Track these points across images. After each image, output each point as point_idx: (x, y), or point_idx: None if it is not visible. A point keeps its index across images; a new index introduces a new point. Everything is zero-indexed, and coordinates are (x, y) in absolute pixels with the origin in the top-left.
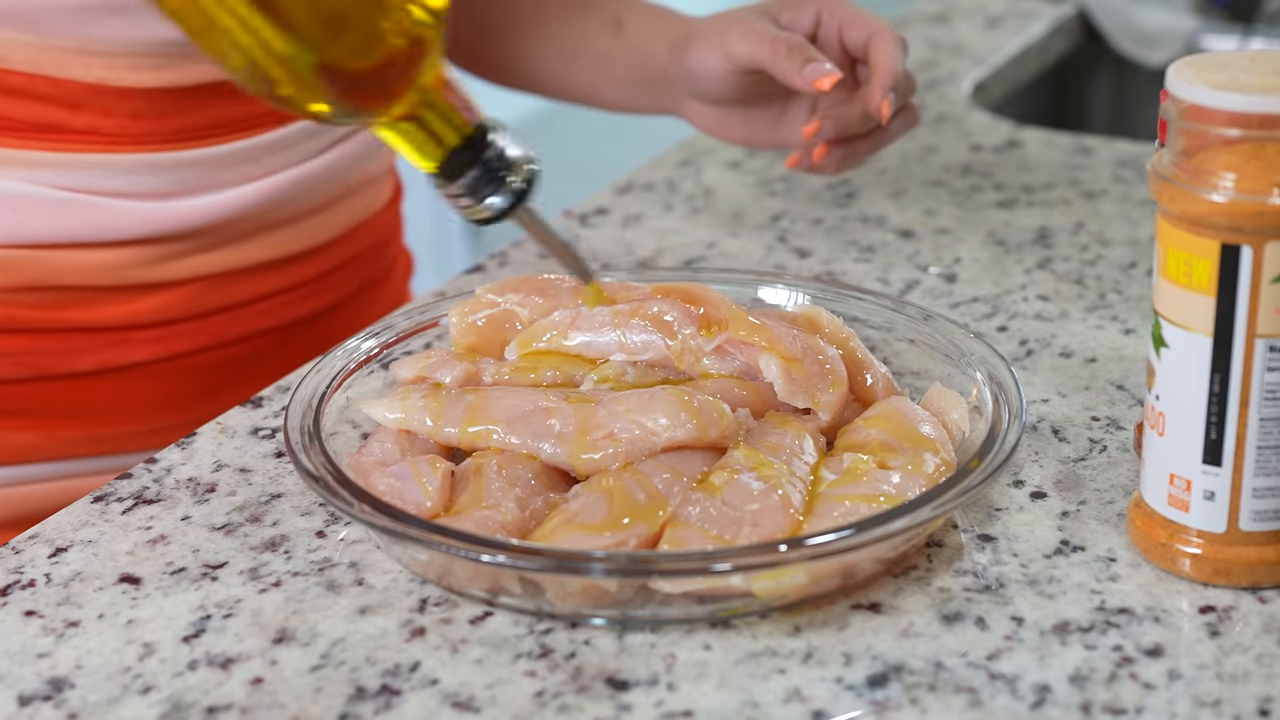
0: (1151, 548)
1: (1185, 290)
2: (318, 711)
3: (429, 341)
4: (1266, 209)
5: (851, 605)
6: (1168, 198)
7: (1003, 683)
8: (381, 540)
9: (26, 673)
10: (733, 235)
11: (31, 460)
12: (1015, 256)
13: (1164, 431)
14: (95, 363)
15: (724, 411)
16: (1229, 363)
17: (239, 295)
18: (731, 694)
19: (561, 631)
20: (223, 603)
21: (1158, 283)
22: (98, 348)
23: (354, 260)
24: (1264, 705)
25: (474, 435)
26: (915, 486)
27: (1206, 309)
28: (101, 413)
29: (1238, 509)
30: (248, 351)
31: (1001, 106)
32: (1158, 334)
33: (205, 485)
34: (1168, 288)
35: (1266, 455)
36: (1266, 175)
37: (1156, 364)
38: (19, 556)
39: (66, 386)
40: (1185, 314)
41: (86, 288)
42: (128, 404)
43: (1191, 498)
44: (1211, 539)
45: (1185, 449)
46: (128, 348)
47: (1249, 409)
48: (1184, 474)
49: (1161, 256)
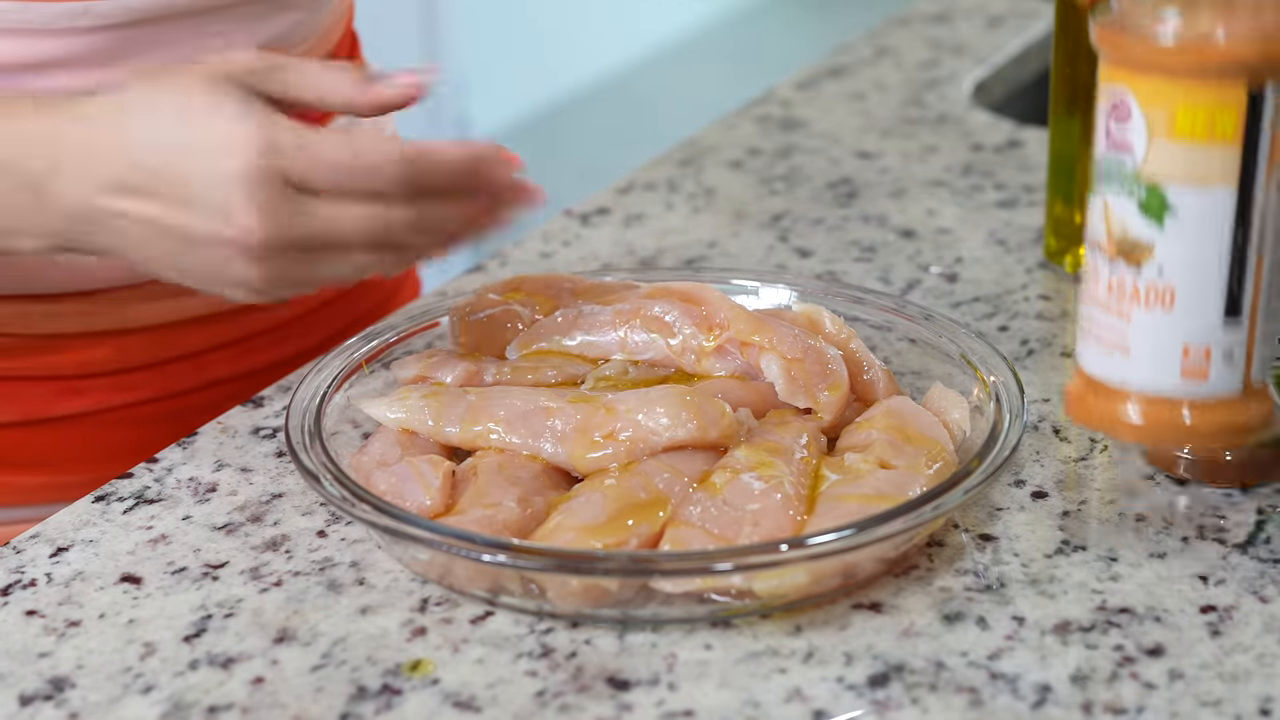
0: (1164, 434)
1: (1205, 146)
2: (319, 711)
3: (430, 341)
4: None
5: (852, 605)
6: (1177, 56)
7: (1004, 682)
8: (382, 540)
9: (27, 672)
10: (734, 235)
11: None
12: (1016, 256)
13: (1172, 304)
14: (43, 411)
15: (725, 411)
16: (1250, 210)
17: (197, 343)
18: (732, 694)
19: (562, 631)
20: (224, 602)
21: (1155, 151)
22: (44, 396)
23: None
24: (1265, 705)
25: (475, 435)
26: (916, 486)
27: (1230, 158)
28: (56, 461)
29: (1251, 361)
30: (215, 398)
31: (1003, 106)
32: (1157, 204)
33: (206, 485)
34: (1175, 150)
35: (1272, 299)
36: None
37: (1156, 236)
38: (20, 556)
39: (15, 434)
40: (1204, 171)
41: (28, 335)
42: (82, 452)
43: (1211, 363)
44: (1226, 404)
45: (1203, 313)
46: (83, 396)
47: (1265, 256)
48: (1202, 340)
49: (1164, 120)
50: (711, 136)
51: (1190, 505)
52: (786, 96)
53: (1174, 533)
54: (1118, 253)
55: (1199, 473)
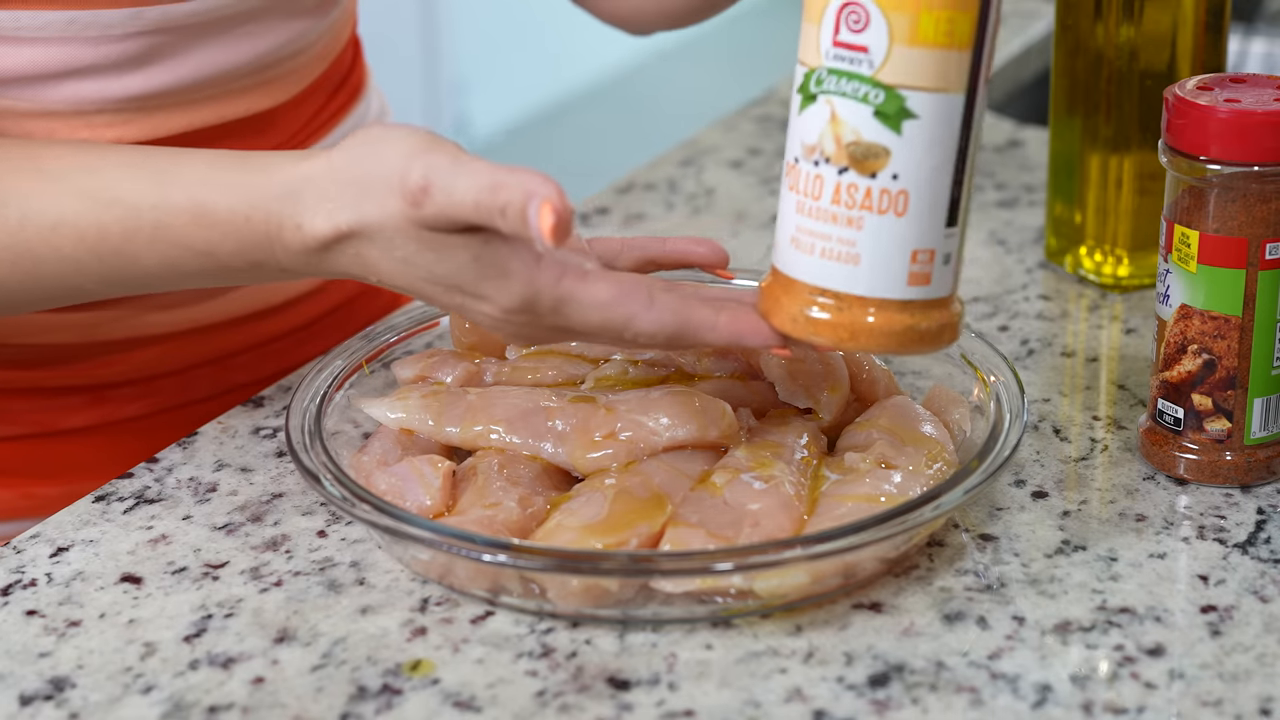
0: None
1: (944, 51)
2: (319, 711)
3: (430, 341)
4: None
5: (853, 605)
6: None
7: (1004, 682)
8: (383, 540)
9: (28, 672)
10: (734, 235)
11: (9, 518)
12: (1017, 256)
13: (905, 210)
14: (77, 421)
15: (725, 411)
16: (973, 116)
17: (219, 349)
18: (733, 693)
19: (563, 631)
20: (224, 602)
21: (895, 56)
22: (78, 407)
23: (336, 311)
24: (1265, 705)
25: (475, 435)
26: (916, 486)
27: (963, 65)
28: (74, 470)
29: (960, 265)
30: (227, 406)
31: (1003, 106)
32: (895, 110)
33: (206, 485)
34: (916, 55)
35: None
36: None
37: (894, 142)
38: (20, 556)
39: (48, 445)
40: (941, 76)
41: (52, 345)
42: (104, 461)
43: (934, 268)
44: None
45: (932, 218)
46: (104, 406)
47: (972, 162)
48: (929, 245)
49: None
50: (711, 136)
51: (1190, 505)
52: (787, 96)
53: (1174, 533)
54: (848, 160)
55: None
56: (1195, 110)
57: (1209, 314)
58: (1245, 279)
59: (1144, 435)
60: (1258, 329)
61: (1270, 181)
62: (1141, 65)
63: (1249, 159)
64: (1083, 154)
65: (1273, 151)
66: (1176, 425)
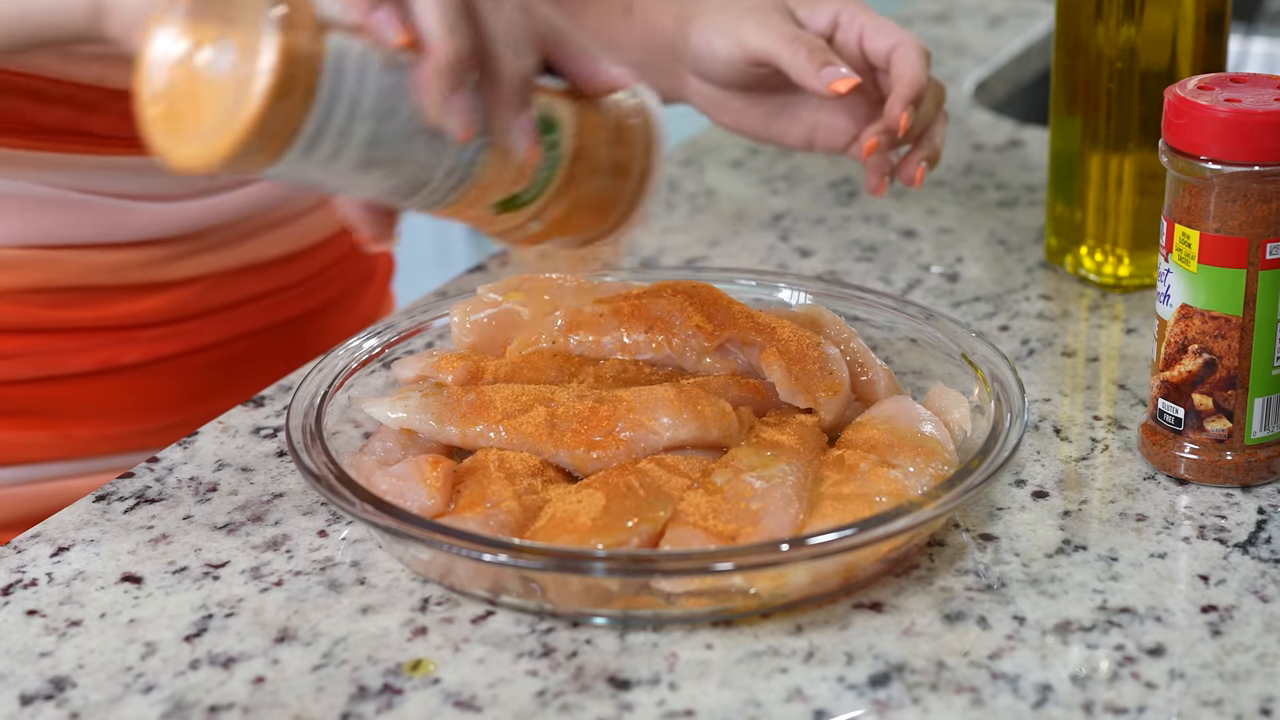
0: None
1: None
2: (319, 711)
3: (431, 341)
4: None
5: (853, 604)
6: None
7: (1004, 682)
8: (383, 539)
9: (28, 672)
10: (735, 234)
11: (40, 460)
12: (1017, 256)
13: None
14: (100, 361)
15: (726, 411)
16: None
17: (239, 294)
18: (733, 693)
19: (563, 630)
20: (224, 602)
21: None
22: (102, 346)
23: (343, 259)
24: (1265, 704)
25: (475, 435)
26: (917, 486)
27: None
28: (109, 411)
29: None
30: (246, 350)
31: (1003, 106)
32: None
33: (207, 484)
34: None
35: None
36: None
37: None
38: (21, 556)
39: (73, 386)
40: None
41: (93, 287)
42: (133, 402)
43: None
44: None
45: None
46: (132, 346)
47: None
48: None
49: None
50: (712, 136)
51: (1190, 505)
52: None
53: (1174, 533)
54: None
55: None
56: (1195, 110)
57: (1209, 314)
58: (1246, 279)
59: (1144, 435)
60: (1258, 329)
61: (1271, 181)
62: (1142, 65)
63: (1249, 159)
64: (1083, 154)
65: (1273, 151)
66: (1177, 425)
